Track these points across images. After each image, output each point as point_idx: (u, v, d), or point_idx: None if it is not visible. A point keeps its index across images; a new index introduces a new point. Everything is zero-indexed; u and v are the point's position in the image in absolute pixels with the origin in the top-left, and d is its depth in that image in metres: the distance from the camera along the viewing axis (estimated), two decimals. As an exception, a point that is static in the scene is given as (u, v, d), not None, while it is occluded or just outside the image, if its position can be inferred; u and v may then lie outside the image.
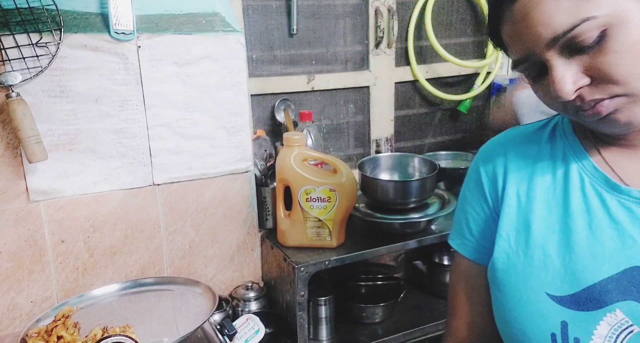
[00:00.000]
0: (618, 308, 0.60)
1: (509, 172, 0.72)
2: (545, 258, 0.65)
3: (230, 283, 1.50)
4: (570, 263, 0.64)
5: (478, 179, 0.75)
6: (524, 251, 0.67)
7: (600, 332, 0.60)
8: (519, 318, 0.66)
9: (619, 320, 0.60)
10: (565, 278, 0.63)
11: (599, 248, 0.63)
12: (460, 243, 0.78)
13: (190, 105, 1.35)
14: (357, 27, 1.68)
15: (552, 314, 0.63)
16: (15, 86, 1.14)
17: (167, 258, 1.40)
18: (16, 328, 1.25)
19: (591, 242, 0.63)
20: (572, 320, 0.62)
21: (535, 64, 0.61)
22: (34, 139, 1.14)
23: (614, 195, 0.64)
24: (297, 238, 1.37)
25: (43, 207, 1.24)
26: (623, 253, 0.61)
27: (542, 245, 0.66)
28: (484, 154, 0.77)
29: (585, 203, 0.65)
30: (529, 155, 0.71)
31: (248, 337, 1.31)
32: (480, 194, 0.75)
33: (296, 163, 1.32)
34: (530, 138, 0.73)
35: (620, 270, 0.61)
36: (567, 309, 0.62)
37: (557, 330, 0.63)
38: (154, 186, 1.35)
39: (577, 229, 0.64)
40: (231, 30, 1.37)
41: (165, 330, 1.09)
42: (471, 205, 0.76)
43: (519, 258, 0.68)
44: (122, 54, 1.25)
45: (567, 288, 0.63)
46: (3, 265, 1.22)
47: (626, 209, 0.63)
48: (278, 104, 1.58)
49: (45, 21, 1.15)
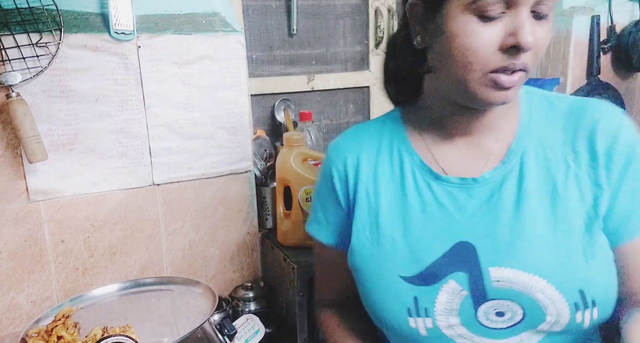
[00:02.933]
0: (451, 279, 0.72)
1: (360, 166, 0.81)
2: (394, 246, 0.76)
3: (230, 283, 1.50)
4: (413, 247, 0.75)
5: (330, 179, 0.84)
6: (377, 241, 0.77)
7: (440, 299, 0.72)
8: (379, 298, 0.76)
9: (452, 288, 0.72)
10: (412, 260, 0.74)
11: (431, 230, 0.74)
12: (317, 229, 0.88)
13: (190, 105, 1.35)
14: (357, 27, 1.68)
15: (405, 293, 0.74)
16: (15, 86, 1.14)
17: (167, 258, 1.40)
18: (16, 328, 1.25)
19: (426, 226, 0.75)
20: (420, 294, 0.73)
21: (504, 6, 0.64)
22: (34, 139, 1.14)
23: (439, 183, 0.75)
24: (297, 238, 1.37)
25: (43, 207, 1.24)
26: (449, 232, 0.73)
27: (390, 235, 0.76)
28: (335, 151, 0.85)
29: (418, 193, 0.76)
30: (373, 149, 0.82)
31: (248, 337, 1.31)
32: (333, 195, 0.84)
33: (296, 163, 1.32)
34: (373, 133, 0.84)
35: (450, 247, 0.73)
36: (416, 286, 0.73)
37: (410, 305, 0.73)
38: (154, 186, 1.35)
39: (414, 216, 0.76)
40: (231, 30, 1.37)
41: (165, 330, 1.09)
42: (326, 200, 0.86)
43: (373, 248, 0.78)
44: (122, 54, 1.25)
45: (414, 269, 0.74)
46: (3, 265, 1.22)
47: (448, 194, 0.75)
48: (278, 104, 1.58)
49: (45, 21, 1.15)
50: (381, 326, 0.80)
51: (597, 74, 1.72)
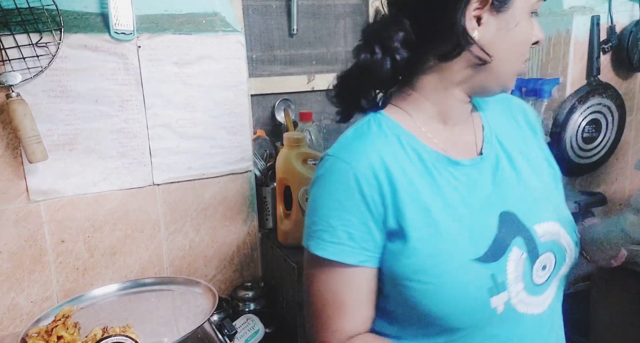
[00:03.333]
0: (514, 246, 0.76)
1: (389, 167, 0.75)
2: (455, 234, 0.75)
3: (230, 283, 1.50)
4: (472, 229, 0.76)
5: (356, 187, 0.74)
6: (438, 235, 0.75)
7: (509, 269, 0.75)
8: (457, 290, 0.73)
9: (516, 255, 0.76)
10: (476, 241, 0.75)
11: (476, 209, 0.77)
12: (337, 250, 0.75)
13: (190, 105, 1.35)
14: (358, 27, 1.68)
15: (482, 274, 0.74)
16: (15, 86, 1.14)
17: (167, 258, 1.40)
18: (16, 328, 1.25)
19: (469, 207, 0.77)
20: (495, 270, 0.74)
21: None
22: (34, 139, 1.14)
23: (456, 167, 0.79)
24: (297, 238, 1.36)
25: (43, 207, 1.24)
26: (489, 206, 0.78)
27: (447, 225, 0.75)
28: (351, 158, 0.76)
29: (446, 180, 0.78)
30: (390, 148, 0.78)
31: (248, 337, 1.31)
32: (362, 203, 0.75)
33: (296, 163, 1.32)
34: (377, 135, 0.79)
35: (498, 219, 0.77)
36: (489, 264, 0.74)
37: (490, 284, 0.74)
38: (154, 186, 1.35)
39: (455, 201, 0.77)
40: (231, 30, 1.37)
41: (165, 330, 1.09)
42: (349, 212, 0.75)
43: (437, 243, 0.74)
44: (122, 54, 1.25)
45: (481, 248, 0.75)
46: (3, 265, 1.22)
47: (465, 175, 0.79)
48: (278, 104, 1.58)
49: (45, 21, 1.15)
50: (449, 324, 0.75)
51: (597, 74, 1.71)
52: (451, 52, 0.75)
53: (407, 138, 0.79)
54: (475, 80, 0.79)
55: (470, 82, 0.79)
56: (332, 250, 0.75)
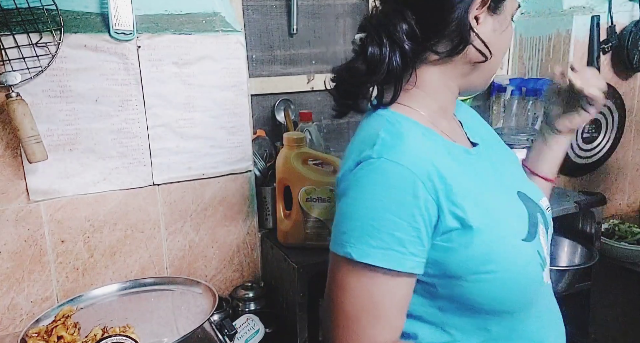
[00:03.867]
0: (539, 223, 0.82)
1: (440, 169, 0.73)
2: (504, 219, 0.78)
3: (230, 283, 1.50)
4: (510, 212, 0.80)
5: (412, 190, 0.71)
6: (496, 222, 0.76)
7: (542, 243, 0.82)
8: (522, 275, 0.76)
9: (541, 230, 0.82)
10: (518, 223, 0.79)
11: (504, 193, 0.82)
12: (386, 258, 0.70)
13: (190, 105, 1.35)
14: (357, 27, 1.68)
15: (532, 252, 0.78)
16: (15, 86, 1.14)
17: (167, 258, 1.40)
18: (16, 328, 1.25)
19: (499, 191, 0.81)
20: (538, 246, 0.79)
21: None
22: (34, 139, 1.14)
23: (469, 156, 0.82)
24: (297, 238, 1.37)
25: (43, 207, 1.24)
26: (508, 188, 0.84)
27: (496, 212, 0.77)
28: (405, 161, 0.72)
29: (472, 168, 0.80)
30: (430, 148, 0.77)
31: (248, 337, 1.31)
32: (414, 205, 0.71)
33: (296, 163, 1.32)
34: (414, 134, 0.77)
35: (519, 199, 0.82)
36: (532, 241, 0.79)
37: (540, 260, 0.79)
38: (153, 186, 1.35)
39: (489, 188, 0.80)
40: (231, 30, 1.37)
41: (165, 330, 1.09)
42: (399, 216, 0.70)
43: (498, 232, 0.76)
44: (122, 54, 1.25)
45: (523, 228, 0.79)
46: (3, 265, 1.22)
47: (477, 161, 0.83)
48: (278, 104, 1.58)
49: (45, 21, 1.15)
50: (510, 307, 0.77)
51: (597, 74, 1.71)
52: (457, 47, 0.76)
53: (429, 133, 0.79)
54: (471, 77, 0.83)
55: (466, 78, 0.83)
56: (380, 256, 0.70)
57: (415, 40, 0.76)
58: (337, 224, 0.74)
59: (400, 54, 0.76)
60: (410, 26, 0.76)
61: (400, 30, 0.76)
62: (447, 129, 0.84)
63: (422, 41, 0.77)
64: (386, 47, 0.76)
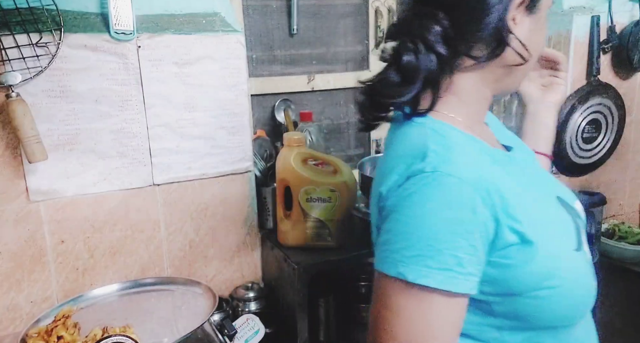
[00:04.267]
0: (581, 229, 0.80)
1: (494, 182, 0.69)
2: (559, 231, 0.76)
3: (230, 284, 1.50)
4: (558, 221, 0.77)
5: (471, 205, 0.67)
6: (551, 237, 0.73)
7: (586, 249, 0.79)
8: (581, 287, 0.75)
9: (583, 235, 0.80)
10: (568, 233, 0.77)
11: (545, 200, 0.79)
12: (446, 280, 0.66)
13: (190, 105, 1.35)
14: (358, 27, 1.68)
15: (585, 262, 0.77)
16: (15, 86, 1.13)
17: (167, 259, 1.40)
18: (16, 328, 1.25)
19: (543, 196, 0.79)
20: (587, 255, 0.78)
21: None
22: (33, 139, 1.14)
23: (512, 163, 0.79)
24: (297, 239, 1.37)
25: (43, 207, 1.24)
26: (548, 194, 0.81)
27: (550, 223, 0.75)
28: (462, 174, 0.68)
29: (513, 174, 0.75)
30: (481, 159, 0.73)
31: (248, 337, 1.31)
32: (473, 221, 0.67)
33: (296, 163, 1.32)
34: (463, 144, 0.73)
35: (561, 205, 0.80)
36: (581, 251, 0.77)
37: (591, 269, 0.77)
38: (154, 186, 1.35)
39: (532, 195, 0.75)
40: (231, 30, 1.37)
41: (165, 330, 1.09)
42: (458, 234, 0.66)
43: (554, 245, 0.73)
44: (122, 54, 1.25)
45: (573, 238, 0.77)
46: (3, 265, 1.22)
47: (518, 168, 0.79)
48: (278, 104, 1.58)
49: (45, 21, 1.15)
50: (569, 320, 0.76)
51: (597, 74, 1.72)
52: (494, 51, 0.73)
53: (472, 140, 0.75)
54: (505, 81, 0.78)
55: (501, 82, 0.78)
56: (440, 278, 0.65)
57: (451, 44, 0.72)
58: (387, 242, 0.69)
59: (437, 59, 0.72)
60: (445, 30, 0.71)
61: (435, 34, 0.72)
62: (482, 135, 0.80)
63: (457, 46, 0.73)
64: (422, 53, 0.72)
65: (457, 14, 0.71)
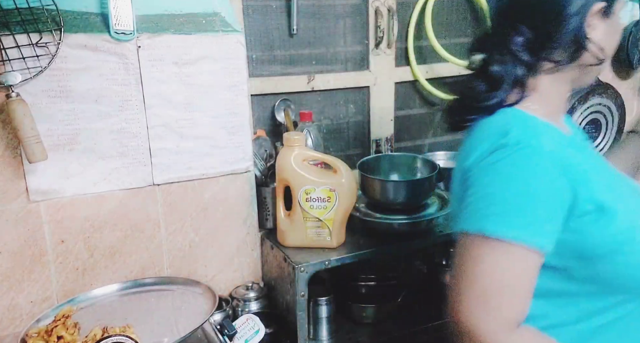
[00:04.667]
0: None
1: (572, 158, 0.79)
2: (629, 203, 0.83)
3: (230, 283, 1.50)
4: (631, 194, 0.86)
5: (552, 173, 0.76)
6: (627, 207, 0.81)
7: None
8: None
9: None
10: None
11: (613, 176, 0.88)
12: (529, 234, 0.74)
13: (190, 105, 1.35)
14: (357, 27, 1.68)
15: None
16: (15, 86, 1.14)
17: (167, 259, 1.40)
18: (16, 328, 1.25)
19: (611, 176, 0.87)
20: None
21: None
22: (33, 139, 1.14)
23: (587, 146, 0.92)
24: (297, 238, 1.37)
25: (43, 207, 1.24)
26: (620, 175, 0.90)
27: (627, 196, 0.84)
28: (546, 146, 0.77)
29: (587, 157, 0.87)
30: (560, 140, 0.83)
31: (248, 337, 1.31)
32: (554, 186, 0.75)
33: (296, 163, 1.32)
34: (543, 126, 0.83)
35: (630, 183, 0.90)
36: None
37: None
38: (154, 186, 1.35)
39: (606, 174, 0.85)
40: (231, 30, 1.37)
41: (165, 330, 1.09)
42: (540, 196, 0.75)
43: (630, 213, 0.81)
44: (122, 54, 1.25)
45: None
46: (3, 265, 1.22)
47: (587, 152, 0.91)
48: (278, 104, 1.58)
49: (45, 21, 1.15)
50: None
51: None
52: (573, 55, 0.82)
53: (550, 128, 0.84)
54: (582, 78, 0.88)
55: (578, 80, 0.88)
56: (516, 232, 0.73)
57: (533, 52, 0.82)
58: (469, 204, 0.78)
59: (522, 67, 0.83)
60: (527, 40, 0.81)
61: (518, 45, 0.82)
62: (559, 126, 0.89)
63: (538, 52, 0.82)
64: (507, 62, 0.82)
65: (538, 25, 0.81)
